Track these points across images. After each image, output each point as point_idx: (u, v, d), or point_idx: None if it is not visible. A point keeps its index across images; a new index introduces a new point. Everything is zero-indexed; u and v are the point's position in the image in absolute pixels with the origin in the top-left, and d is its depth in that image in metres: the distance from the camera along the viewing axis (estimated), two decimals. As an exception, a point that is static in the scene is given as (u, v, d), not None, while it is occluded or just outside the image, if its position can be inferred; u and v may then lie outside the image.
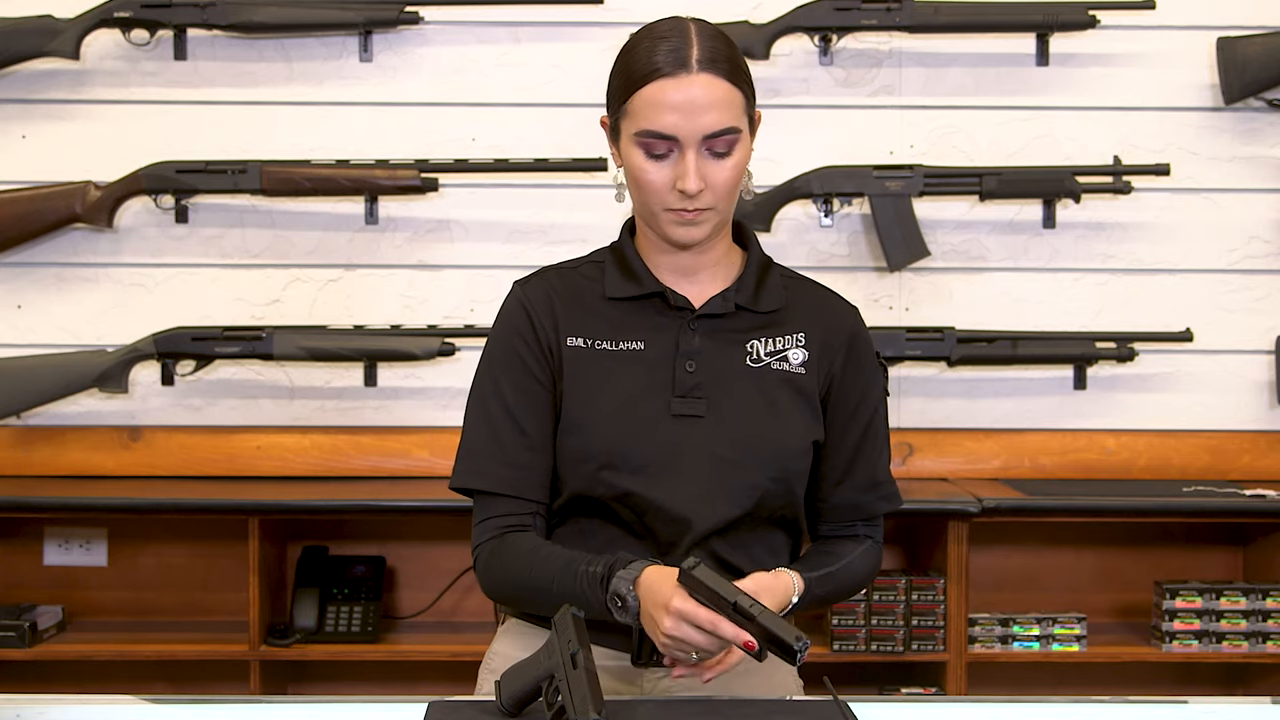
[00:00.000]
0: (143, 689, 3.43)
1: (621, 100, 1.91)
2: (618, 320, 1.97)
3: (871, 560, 2.03)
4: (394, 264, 3.57)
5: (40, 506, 3.36)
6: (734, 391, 1.91)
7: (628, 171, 1.94)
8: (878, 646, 3.29)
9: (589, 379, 1.94)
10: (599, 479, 1.92)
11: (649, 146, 1.89)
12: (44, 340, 3.54)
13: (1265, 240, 3.61)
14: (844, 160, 3.52)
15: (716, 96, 1.88)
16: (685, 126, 1.87)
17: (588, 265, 2.02)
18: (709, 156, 1.89)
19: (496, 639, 2.05)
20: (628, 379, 1.94)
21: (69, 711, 1.86)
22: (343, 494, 3.34)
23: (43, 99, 3.54)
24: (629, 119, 1.91)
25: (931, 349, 3.48)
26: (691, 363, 1.94)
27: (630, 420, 1.92)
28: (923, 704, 1.98)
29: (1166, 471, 3.59)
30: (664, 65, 1.87)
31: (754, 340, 1.97)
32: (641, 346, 1.95)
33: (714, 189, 1.90)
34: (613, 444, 1.92)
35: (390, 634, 3.46)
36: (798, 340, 1.98)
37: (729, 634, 1.72)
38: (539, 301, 1.98)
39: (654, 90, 1.88)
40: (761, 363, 1.96)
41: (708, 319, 1.96)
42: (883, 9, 3.46)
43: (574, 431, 1.94)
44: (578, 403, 1.94)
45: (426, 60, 3.57)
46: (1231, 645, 3.33)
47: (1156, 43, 3.58)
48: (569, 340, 1.96)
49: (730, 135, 1.90)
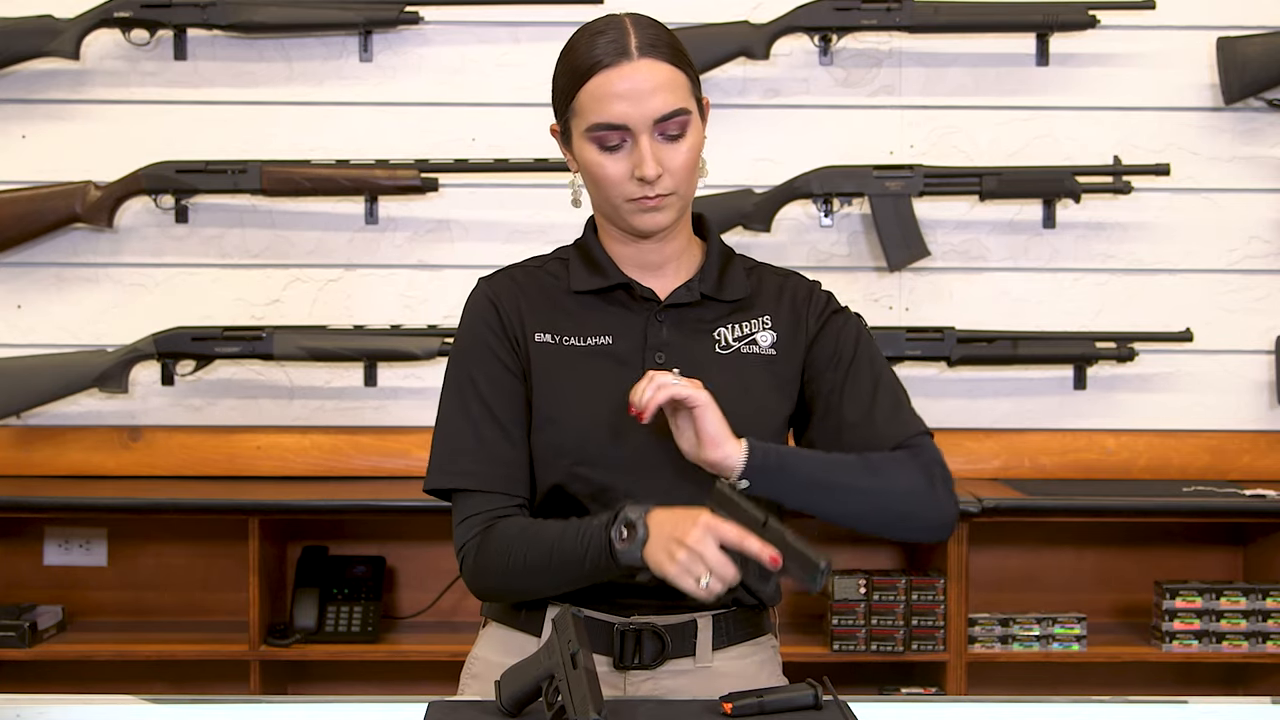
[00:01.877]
0: (143, 689, 3.43)
1: (568, 100, 1.91)
2: (584, 315, 1.96)
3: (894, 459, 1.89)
4: (394, 264, 3.57)
5: (40, 506, 3.36)
6: (706, 379, 1.88)
7: (584, 169, 1.93)
8: (878, 646, 3.29)
9: (559, 375, 1.93)
10: (574, 474, 1.91)
11: (601, 139, 1.89)
12: (44, 340, 3.55)
13: (1265, 240, 3.61)
14: (844, 160, 3.52)
15: (661, 79, 1.87)
16: (634, 113, 1.86)
17: (552, 262, 2.02)
18: (662, 141, 1.88)
19: (478, 643, 2.04)
20: (598, 373, 1.93)
21: (69, 711, 1.86)
22: (343, 494, 3.34)
23: (43, 99, 3.54)
24: (578, 117, 1.90)
25: (931, 349, 3.48)
26: (661, 354, 1.93)
27: (603, 414, 1.90)
28: (923, 704, 1.98)
29: (1166, 471, 3.59)
30: (605, 56, 1.87)
31: (720, 328, 1.96)
32: (609, 341, 1.95)
33: (672, 173, 1.89)
34: (586, 439, 1.90)
35: (390, 634, 3.46)
36: (764, 323, 1.98)
37: (754, 549, 1.69)
38: (505, 297, 1.97)
39: (599, 83, 1.87)
40: (731, 348, 1.96)
41: (674, 309, 1.96)
42: (883, 9, 3.46)
43: (545, 428, 1.92)
44: (548, 399, 1.93)
45: (426, 60, 3.57)
46: (1231, 645, 3.33)
47: (1156, 43, 3.58)
48: (536, 336, 1.95)
49: (681, 117, 1.88)
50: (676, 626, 1.92)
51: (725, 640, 1.95)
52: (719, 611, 1.94)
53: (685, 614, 1.92)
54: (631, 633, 1.91)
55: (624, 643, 1.90)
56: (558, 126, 1.96)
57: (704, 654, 1.93)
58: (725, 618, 1.94)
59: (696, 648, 1.93)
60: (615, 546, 1.78)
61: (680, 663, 1.92)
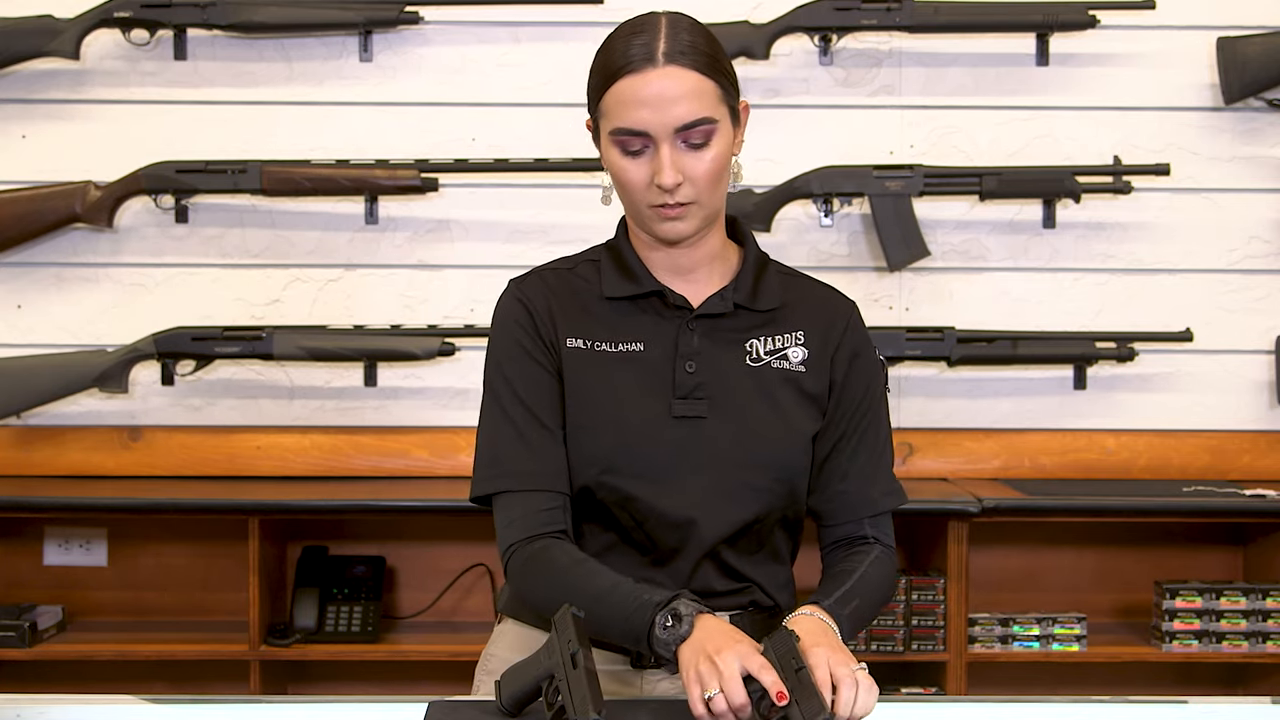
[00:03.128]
0: (143, 689, 3.43)
1: (598, 99, 1.91)
2: (615, 321, 1.95)
3: (885, 568, 1.97)
4: (394, 264, 3.57)
5: (40, 506, 3.36)
6: (735, 391, 1.89)
7: (609, 171, 1.92)
8: (878, 646, 3.29)
9: (589, 381, 1.92)
10: (600, 482, 1.90)
11: (624, 144, 1.88)
12: (44, 340, 3.54)
13: (1265, 240, 3.61)
14: (844, 160, 3.52)
15: (686, 88, 1.85)
16: (655, 121, 1.85)
17: (583, 265, 2.00)
18: (685, 149, 1.86)
19: (493, 641, 2.04)
20: (628, 381, 1.92)
21: (69, 711, 1.86)
22: (343, 494, 3.34)
23: (43, 99, 3.54)
24: (605, 118, 1.90)
25: (931, 349, 3.48)
26: (691, 363, 1.92)
27: (632, 422, 1.90)
28: (923, 704, 1.98)
29: (1166, 471, 3.59)
30: (632, 61, 1.86)
31: (753, 339, 1.95)
32: (641, 348, 1.93)
33: (693, 181, 1.87)
34: (614, 447, 1.90)
35: (390, 634, 3.46)
36: (797, 339, 1.96)
37: (768, 681, 1.67)
38: (537, 300, 1.96)
39: (623, 87, 1.86)
40: (761, 361, 1.95)
41: (706, 319, 1.94)
42: (883, 9, 3.46)
43: (575, 434, 1.92)
44: (578, 405, 1.92)
45: (426, 60, 3.57)
46: (1231, 645, 3.33)
47: (1156, 43, 3.58)
48: (569, 341, 1.94)
49: (705, 126, 1.86)
50: None
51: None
52: (735, 612, 1.94)
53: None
54: None
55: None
56: (591, 122, 1.95)
57: None
58: (742, 618, 1.94)
59: None
60: (656, 631, 1.76)
61: None
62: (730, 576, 1.94)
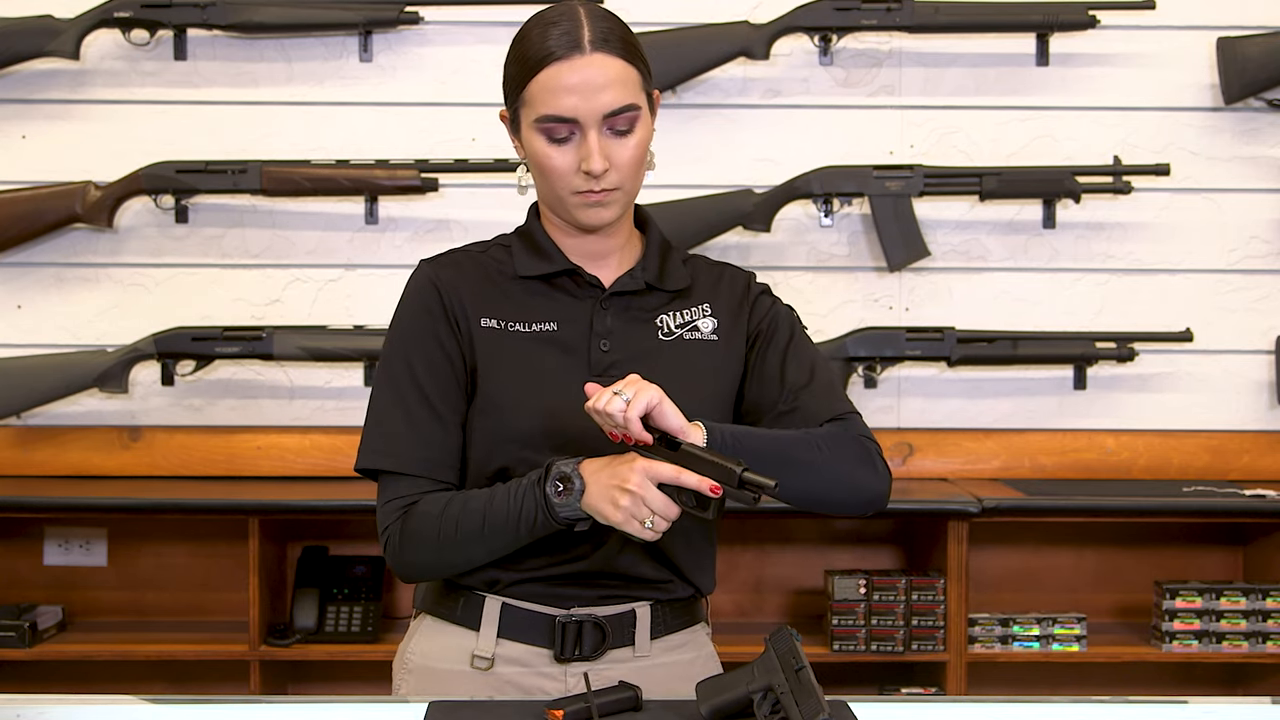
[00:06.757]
0: (143, 689, 3.43)
1: (519, 89, 1.92)
2: (529, 301, 1.97)
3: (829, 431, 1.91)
4: (394, 264, 3.57)
5: (40, 506, 3.36)
6: (651, 367, 1.89)
7: (531, 159, 1.94)
8: (878, 646, 3.29)
9: (505, 360, 1.94)
10: (520, 458, 1.91)
11: (550, 131, 1.89)
12: (44, 340, 3.55)
13: (1265, 240, 3.61)
14: (844, 160, 3.53)
15: (612, 75, 1.88)
16: (584, 107, 1.87)
17: (495, 248, 2.03)
18: (610, 135, 1.89)
19: (411, 637, 2.03)
20: (544, 360, 1.94)
21: (69, 711, 1.87)
22: (343, 494, 3.34)
23: (43, 99, 3.54)
24: (528, 107, 1.91)
25: (931, 349, 3.48)
26: (606, 342, 1.94)
27: (551, 401, 1.91)
28: (923, 704, 1.98)
29: (1166, 471, 3.59)
30: (557, 49, 1.88)
31: (663, 315, 1.98)
32: (555, 328, 1.95)
33: (619, 168, 1.89)
34: (532, 424, 1.91)
35: (390, 634, 3.45)
36: (705, 310, 1.99)
37: (693, 482, 1.75)
38: (449, 281, 1.97)
39: (550, 74, 1.88)
40: (673, 335, 1.97)
41: (619, 297, 1.97)
42: (883, 9, 3.46)
43: (491, 412, 1.93)
44: (494, 384, 1.93)
45: (426, 60, 3.57)
46: (1231, 645, 3.33)
47: (1156, 43, 3.58)
48: (483, 321, 1.95)
49: (630, 113, 1.89)
50: (616, 617, 1.95)
51: (663, 629, 1.97)
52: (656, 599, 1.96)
53: (624, 604, 1.95)
54: (573, 624, 1.93)
55: (565, 635, 1.93)
56: (507, 113, 1.96)
57: (643, 644, 1.96)
58: (662, 607, 1.97)
59: (635, 637, 1.95)
60: (552, 501, 1.82)
61: (619, 653, 1.95)
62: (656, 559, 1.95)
